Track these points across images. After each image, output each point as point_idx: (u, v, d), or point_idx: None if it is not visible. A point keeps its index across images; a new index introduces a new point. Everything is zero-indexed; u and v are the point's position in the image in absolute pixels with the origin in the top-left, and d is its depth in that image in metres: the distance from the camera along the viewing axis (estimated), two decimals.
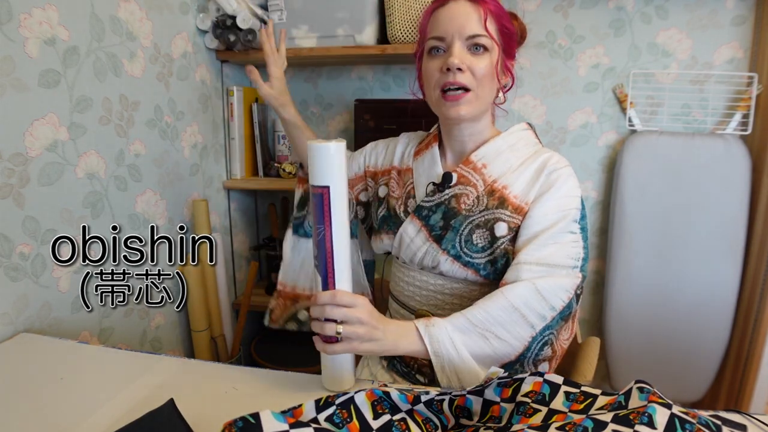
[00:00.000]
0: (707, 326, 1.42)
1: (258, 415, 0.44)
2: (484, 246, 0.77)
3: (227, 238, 1.56)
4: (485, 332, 0.68)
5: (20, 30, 0.83)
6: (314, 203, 0.62)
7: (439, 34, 0.76)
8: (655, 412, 0.44)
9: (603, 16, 1.43)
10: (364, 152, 1.00)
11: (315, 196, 0.62)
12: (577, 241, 0.74)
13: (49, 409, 0.61)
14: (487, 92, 0.78)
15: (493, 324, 0.68)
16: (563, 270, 0.71)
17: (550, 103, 1.51)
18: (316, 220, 0.62)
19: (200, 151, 1.39)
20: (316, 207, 0.62)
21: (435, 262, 0.81)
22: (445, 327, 0.67)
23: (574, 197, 0.76)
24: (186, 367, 0.71)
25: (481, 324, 0.68)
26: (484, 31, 0.74)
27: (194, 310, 1.32)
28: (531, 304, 0.69)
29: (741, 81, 1.38)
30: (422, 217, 0.82)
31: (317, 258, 0.64)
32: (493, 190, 0.79)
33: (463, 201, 0.80)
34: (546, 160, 0.78)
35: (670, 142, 1.39)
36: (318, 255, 0.63)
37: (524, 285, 0.69)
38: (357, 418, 0.51)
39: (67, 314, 0.96)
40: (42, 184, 0.89)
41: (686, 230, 1.40)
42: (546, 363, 0.73)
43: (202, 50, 1.38)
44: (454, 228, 0.79)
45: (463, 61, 0.74)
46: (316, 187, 0.61)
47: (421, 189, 0.85)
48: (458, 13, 0.75)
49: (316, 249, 0.63)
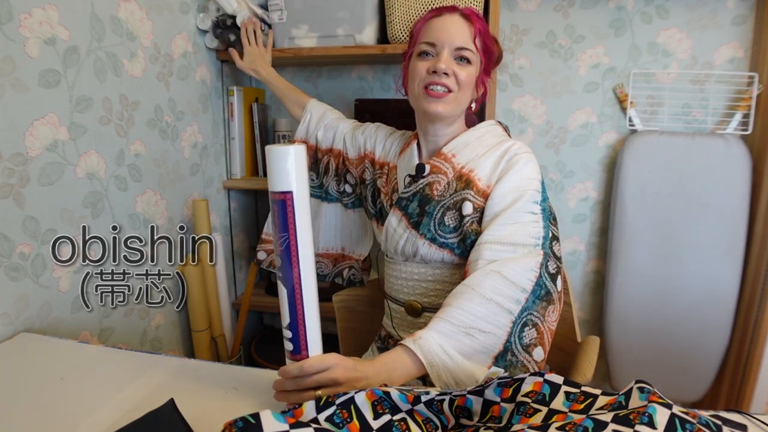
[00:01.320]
0: (707, 326, 1.42)
1: (258, 415, 0.44)
2: (455, 226, 0.84)
3: (227, 238, 1.56)
4: (469, 330, 0.69)
5: (20, 30, 0.83)
6: (276, 210, 0.59)
7: (432, 40, 0.85)
8: (656, 412, 0.44)
9: (603, 16, 1.43)
10: (365, 134, 1.06)
11: (276, 203, 0.59)
12: (537, 221, 0.78)
13: (49, 409, 0.61)
14: (465, 98, 0.87)
15: (474, 320, 0.69)
16: (524, 248, 0.76)
17: (551, 102, 1.51)
18: (278, 228, 0.59)
19: (200, 151, 1.39)
20: (279, 214, 0.59)
21: (414, 247, 0.88)
22: (432, 336, 0.68)
23: (532, 179, 0.82)
24: (186, 367, 0.71)
25: (462, 323, 0.69)
26: (471, 45, 0.84)
27: (194, 310, 1.32)
28: (502, 291, 0.72)
29: (741, 81, 1.38)
30: (402, 207, 0.90)
31: (281, 269, 0.60)
32: (461, 174, 0.87)
33: (435, 188, 0.87)
34: (508, 147, 0.85)
35: (671, 142, 1.39)
36: (282, 265, 0.60)
37: (490, 276, 0.73)
38: (357, 418, 0.51)
39: (67, 314, 0.96)
40: (42, 184, 0.89)
41: (687, 230, 1.40)
42: (539, 348, 0.74)
43: (202, 50, 1.38)
44: (428, 213, 0.86)
45: (450, 67, 0.83)
46: (277, 193, 0.59)
47: (401, 182, 0.94)
48: (452, 25, 0.84)
49: (280, 259, 0.60)
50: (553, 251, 0.79)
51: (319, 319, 0.63)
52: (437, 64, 0.82)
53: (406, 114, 1.39)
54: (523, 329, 0.73)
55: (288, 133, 1.64)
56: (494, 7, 1.22)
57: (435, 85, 0.83)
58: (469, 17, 0.85)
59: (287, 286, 0.60)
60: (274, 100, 1.70)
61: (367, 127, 1.08)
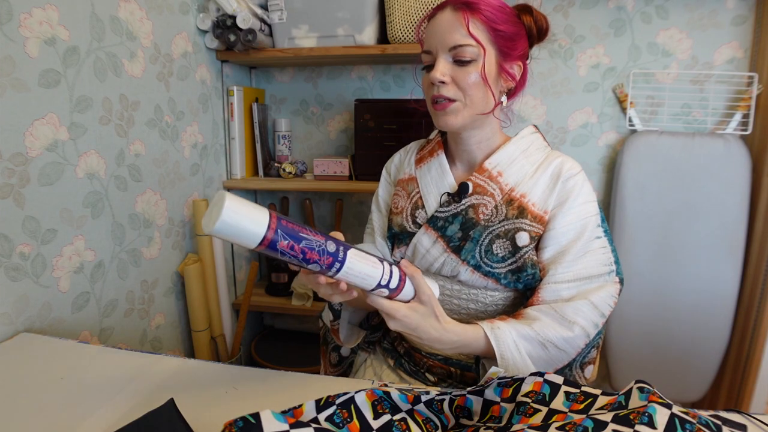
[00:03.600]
0: (707, 326, 1.42)
1: (258, 415, 0.44)
2: (504, 256, 0.76)
3: None
4: (546, 342, 0.69)
5: (20, 30, 0.83)
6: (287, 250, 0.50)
7: (427, 48, 0.76)
8: (656, 412, 0.44)
9: (603, 16, 1.43)
10: (381, 190, 0.96)
11: (275, 250, 0.50)
12: (604, 246, 0.75)
13: (49, 409, 0.61)
14: (478, 101, 0.75)
15: (553, 336, 0.69)
16: (601, 279, 0.73)
17: (551, 102, 1.51)
18: (325, 265, 0.53)
19: (200, 151, 1.39)
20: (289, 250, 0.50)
21: (455, 272, 0.79)
22: (509, 331, 0.67)
23: (591, 202, 0.77)
24: (186, 366, 0.71)
25: (543, 334, 0.68)
26: (467, 39, 0.71)
27: (194, 310, 1.32)
28: (588, 316, 0.70)
29: (741, 81, 1.38)
30: (437, 227, 0.80)
31: (347, 269, 0.56)
32: (511, 199, 0.78)
33: (481, 211, 0.78)
34: (560, 166, 0.78)
35: (671, 142, 1.39)
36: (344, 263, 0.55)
37: (582, 302, 0.71)
38: (357, 418, 0.51)
39: (67, 314, 0.96)
40: (42, 184, 0.89)
41: (686, 230, 1.40)
42: (591, 366, 0.76)
43: (202, 50, 1.38)
44: (473, 238, 0.77)
45: (445, 74, 0.73)
46: (264, 242, 0.48)
47: (431, 199, 0.83)
48: (441, 24, 0.73)
49: (332, 263, 0.54)
50: (623, 275, 0.77)
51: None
52: (432, 75, 0.73)
53: (406, 114, 1.39)
54: (591, 350, 0.75)
55: (288, 133, 1.64)
56: None
57: (438, 99, 0.74)
58: (460, 7, 0.72)
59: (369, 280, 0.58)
60: (275, 100, 1.70)
61: (381, 184, 0.96)
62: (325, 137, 1.69)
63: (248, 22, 1.30)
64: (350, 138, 1.66)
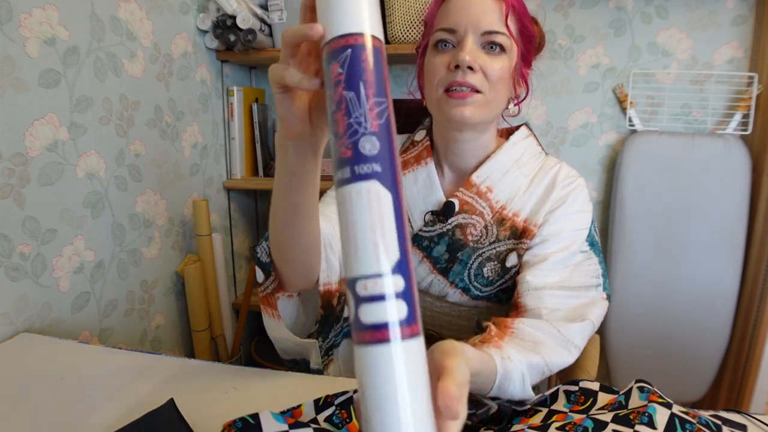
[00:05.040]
0: (707, 326, 1.42)
1: (257, 416, 0.44)
2: (493, 279, 0.71)
3: (227, 238, 1.56)
4: (549, 369, 0.59)
5: (20, 30, 0.83)
6: (353, 64, 0.32)
7: (450, 25, 0.64)
8: (656, 412, 0.44)
9: (603, 16, 1.43)
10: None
11: (355, 51, 0.32)
12: (590, 257, 0.67)
13: (49, 409, 0.61)
14: (499, 99, 0.67)
15: (556, 363, 0.59)
16: (587, 291, 0.65)
17: (551, 103, 1.51)
18: (371, 92, 0.32)
19: (200, 151, 1.39)
20: (364, 69, 0.32)
21: (443, 293, 0.75)
22: (521, 363, 0.54)
23: (586, 212, 0.70)
24: (186, 367, 0.71)
25: (549, 362, 0.59)
26: (504, 28, 0.64)
27: (194, 310, 1.32)
28: (587, 338, 0.63)
29: (741, 81, 1.38)
30: (423, 247, 0.74)
31: (373, 160, 0.31)
32: (503, 218, 0.71)
33: (469, 232, 0.71)
34: (555, 176, 0.72)
35: (670, 142, 1.39)
36: (377, 154, 0.31)
37: (586, 324, 0.62)
38: (356, 419, 0.51)
39: (67, 314, 0.96)
40: (42, 184, 0.89)
41: (686, 230, 1.40)
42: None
43: (202, 50, 1.38)
44: (461, 261, 0.72)
45: (476, 59, 0.63)
46: (352, 37, 0.33)
47: (416, 214, 0.75)
48: (476, 3, 0.64)
49: (375, 144, 0.31)
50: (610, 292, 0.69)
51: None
52: (459, 55, 0.62)
53: (405, 114, 1.39)
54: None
55: None
56: None
57: (458, 86, 0.63)
58: None
59: (390, 187, 0.31)
60: (274, 100, 1.69)
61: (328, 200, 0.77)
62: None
63: (248, 22, 1.30)
64: None
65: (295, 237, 0.56)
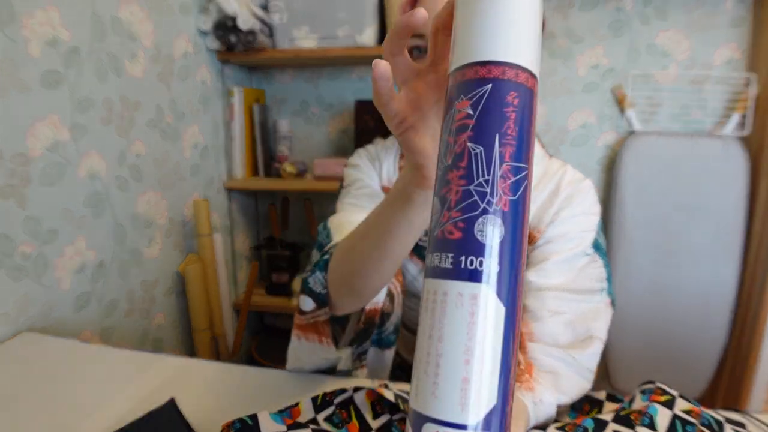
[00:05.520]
0: (705, 326, 1.42)
1: (256, 417, 0.44)
2: None
3: (228, 238, 1.57)
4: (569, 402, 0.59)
5: (22, 31, 0.83)
6: (499, 105, 0.23)
7: (420, 30, 0.60)
8: (657, 413, 0.44)
9: (602, 17, 1.43)
10: (364, 174, 0.77)
11: (506, 85, 0.24)
12: (594, 260, 0.66)
13: (50, 408, 0.61)
14: None
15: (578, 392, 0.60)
16: (591, 296, 0.64)
17: (550, 103, 1.51)
18: (509, 152, 0.23)
19: (201, 152, 1.40)
20: (506, 116, 0.23)
21: None
22: (551, 405, 0.54)
23: (593, 215, 0.69)
24: (187, 366, 0.71)
25: (572, 394, 0.58)
26: None
27: (195, 310, 1.32)
28: (599, 355, 0.63)
29: (739, 82, 1.38)
30: (422, 256, 0.72)
31: (497, 255, 0.23)
32: None
33: None
34: (560, 180, 0.71)
35: (669, 142, 1.40)
36: (503, 247, 0.23)
37: (597, 346, 0.62)
38: (356, 418, 0.51)
39: (68, 314, 0.96)
40: (43, 184, 0.89)
41: (685, 230, 1.41)
42: None
43: (203, 51, 1.39)
44: None
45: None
46: (508, 68, 0.24)
47: None
48: (441, 3, 0.55)
49: (502, 228, 0.23)
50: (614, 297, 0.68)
51: None
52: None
53: None
54: None
55: (288, 134, 1.65)
56: None
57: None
58: None
59: (506, 298, 0.23)
60: (275, 101, 1.70)
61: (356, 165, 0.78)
62: (325, 138, 1.69)
63: (249, 23, 1.30)
64: (350, 138, 1.66)
65: (377, 276, 0.52)
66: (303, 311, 0.63)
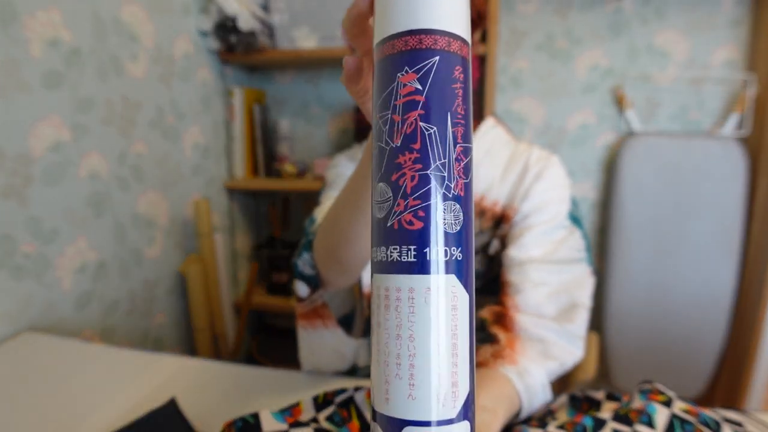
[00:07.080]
0: (705, 325, 1.42)
1: (257, 415, 0.45)
2: (483, 271, 0.71)
3: (228, 238, 1.57)
4: (560, 368, 0.60)
5: (24, 31, 0.83)
6: (448, 81, 0.21)
7: None
8: (655, 412, 0.45)
9: (601, 18, 1.44)
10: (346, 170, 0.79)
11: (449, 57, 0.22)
12: (572, 232, 0.67)
13: (51, 407, 0.61)
14: None
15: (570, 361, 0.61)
16: (572, 265, 0.65)
17: (549, 104, 1.52)
18: (461, 132, 0.22)
19: (202, 152, 1.40)
20: (457, 93, 0.22)
21: None
22: (540, 375, 0.55)
23: (564, 187, 0.70)
24: (187, 365, 0.72)
25: (564, 362, 0.60)
26: None
27: (196, 309, 1.32)
28: (586, 321, 0.63)
29: (738, 83, 1.39)
30: None
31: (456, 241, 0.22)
32: (482, 209, 0.71)
33: None
34: (527, 160, 0.72)
35: (668, 143, 1.40)
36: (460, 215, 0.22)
37: (583, 313, 0.63)
38: (357, 418, 0.51)
39: (69, 313, 0.96)
40: (45, 184, 0.89)
41: (684, 230, 1.41)
42: None
43: (204, 51, 1.39)
44: None
45: None
46: (440, 36, 0.21)
47: None
48: None
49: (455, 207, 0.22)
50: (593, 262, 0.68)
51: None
52: None
53: None
54: None
55: (288, 134, 1.65)
56: (493, 10, 1.23)
57: None
58: None
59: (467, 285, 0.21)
60: (275, 101, 1.70)
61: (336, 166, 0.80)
62: (325, 138, 1.70)
63: (249, 24, 1.31)
64: (350, 138, 1.66)
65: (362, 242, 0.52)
66: (300, 298, 0.65)
